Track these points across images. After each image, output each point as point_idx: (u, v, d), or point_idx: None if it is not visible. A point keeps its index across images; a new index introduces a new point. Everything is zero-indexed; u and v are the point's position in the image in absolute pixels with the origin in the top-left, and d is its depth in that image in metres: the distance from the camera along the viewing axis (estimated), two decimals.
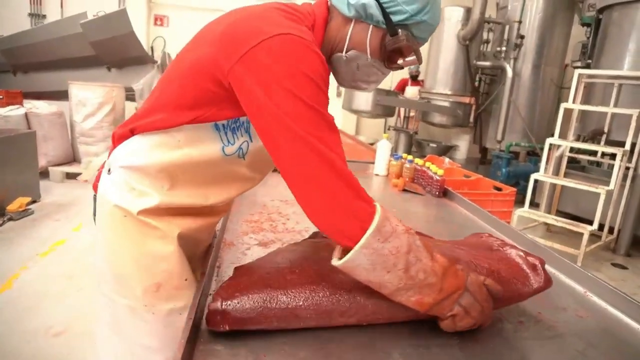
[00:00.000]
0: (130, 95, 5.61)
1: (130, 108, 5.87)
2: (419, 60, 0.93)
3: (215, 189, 0.98)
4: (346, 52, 0.91)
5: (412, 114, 6.59)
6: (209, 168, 0.93)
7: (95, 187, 1.01)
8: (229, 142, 0.91)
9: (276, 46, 0.76)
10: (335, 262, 0.78)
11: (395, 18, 0.87)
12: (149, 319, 0.95)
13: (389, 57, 0.93)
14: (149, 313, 0.95)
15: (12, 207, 3.69)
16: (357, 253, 0.74)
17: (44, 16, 7.04)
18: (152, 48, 7.29)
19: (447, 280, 0.80)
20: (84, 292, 2.65)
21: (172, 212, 0.94)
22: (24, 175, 4.06)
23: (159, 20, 7.54)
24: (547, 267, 1.24)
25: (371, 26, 0.89)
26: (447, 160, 3.75)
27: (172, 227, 0.94)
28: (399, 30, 0.87)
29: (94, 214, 1.02)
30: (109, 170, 0.95)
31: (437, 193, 2.06)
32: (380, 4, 0.86)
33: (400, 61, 0.95)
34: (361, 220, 0.75)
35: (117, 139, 0.97)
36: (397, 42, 0.88)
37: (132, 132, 0.94)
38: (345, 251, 0.77)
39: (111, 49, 5.59)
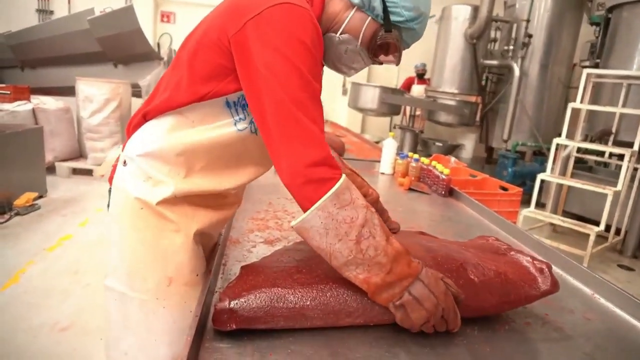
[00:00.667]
0: (136, 92, 5.63)
1: (137, 104, 5.88)
2: (398, 61, 1.01)
3: (229, 173, 0.99)
4: (340, 34, 0.96)
5: (418, 112, 6.57)
6: (224, 148, 0.95)
7: (111, 181, 1.02)
8: (240, 118, 0.94)
9: (277, 13, 0.81)
10: (292, 222, 0.80)
11: (392, 18, 0.94)
12: (160, 313, 0.96)
13: (375, 51, 0.99)
14: (160, 307, 0.95)
15: (19, 202, 3.72)
16: (312, 214, 0.76)
17: (52, 12, 7.07)
18: (158, 45, 7.31)
19: (398, 265, 0.79)
20: (90, 288, 2.67)
21: (187, 201, 0.96)
22: (31, 171, 4.09)
23: (165, 16, 7.56)
24: (554, 269, 1.23)
25: (369, 18, 0.95)
26: (453, 159, 3.73)
27: (188, 220, 0.96)
28: (393, 29, 0.95)
29: (108, 206, 1.03)
30: (124, 162, 0.96)
31: (443, 192, 2.05)
32: (384, 1, 0.93)
33: (381, 57, 1.01)
34: (322, 184, 0.77)
35: (132, 129, 0.98)
36: (388, 39, 0.96)
37: (145, 118, 0.96)
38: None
39: (118, 46, 5.61)
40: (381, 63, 1.04)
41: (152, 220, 0.94)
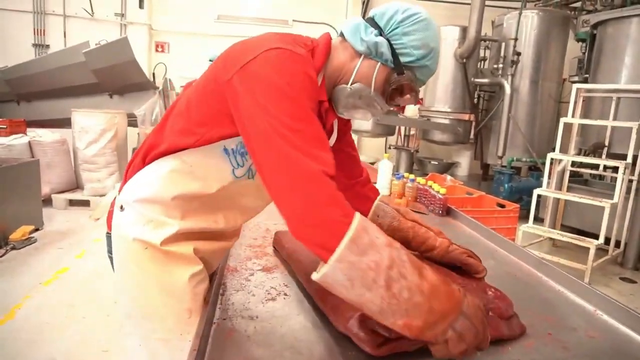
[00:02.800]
0: (132, 121, 5.66)
1: (133, 134, 5.91)
2: (416, 100, 0.99)
3: (223, 214, 1.00)
4: (351, 84, 0.95)
5: (412, 132, 6.62)
6: (219, 192, 0.95)
7: (109, 225, 1.02)
8: (238, 164, 0.94)
9: (261, 62, 0.81)
10: (314, 275, 0.74)
11: (402, 59, 0.92)
12: (186, 347, 0.94)
13: (390, 94, 0.96)
14: (185, 341, 0.94)
15: (15, 236, 3.69)
16: (331, 267, 0.70)
17: (48, 46, 7.17)
18: (153, 74, 7.39)
19: (437, 301, 0.73)
20: (86, 322, 2.63)
21: (190, 237, 0.96)
22: (27, 204, 4.07)
23: (160, 46, 7.66)
24: (553, 283, 1.23)
25: (379, 63, 0.93)
26: (449, 178, 3.74)
27: (192, 249, 0.96)
28: (405, 70, 0.93)
29: (109, 252, 1.03)
30: (122, 207, 0.96)
31: (440, 212, 2.05)
32: (390, 45, 0.91)
33: (398, 99, 0.99)
34: (335, 229, 0.71)
35: (130, 173, 0.99)
36: (401, 81, 0.94)
37: (144, 161, 0.96)
38: None
39: (113, 77, 5.67)
40: (399, 105, 1.01)
41: (158, 259, 0.93)
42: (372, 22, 0.94)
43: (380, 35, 0.92)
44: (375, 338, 0.79)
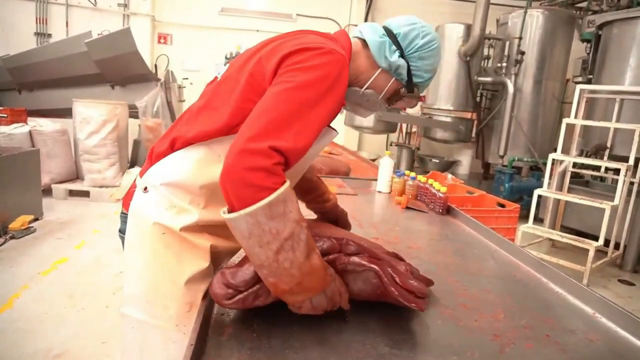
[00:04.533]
0: (133, 113, 5.65)
1: (134, 125, 5.90)
2: (414, 105, 1.17)
3: None
4: (364, 89, 1.07)
5: (414, 129, 6.61)
6: None
7: (126, 205, 1.04)
8: None
9: (318, 51, 0.88)
10: (221, 213, 0.81)
11: (414, 80, 1.08)
12: (179, 339, 0.95)
13: (392, 102, 1.13)
14: (180, 333, 0.95)
15: (15, 225, 3.69)
16: (240, 217, 0.77)
17: (50, 35, 7.14)
18: (155, 66, 7.36)
19: (310, 279, 0.84)
20: (85, 312, 2.63)
21: (207, 229, 0.98)
22: (27, 193, 4.06)
23: (162, 38, 7.63)
24: (552, 285, 1.23)
25: (394, 78, 1.07)
26: (449, 176, 3.73)
27: (207, 243, 0.98)
28: (415, 88, 1.09)
29: (121, 231, 1.04)
30: (145, 189, 0.97)
31: (440, 210, 2.04)
32: (409, 68, 1.05)
33: (397, 104, 1.16)
34: (260, 191, 0.76)
35: (156, 157, 1.00)
36: (411, 96, 1.11)
37: (172, 147, 0.98)
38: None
39: (115, 67, 5.65)
40: (395, 107, 1.18)
41: (174, 246, 0.95)
42: (393, 37, 1.05)
43: (402, 56, 1.04)
44: (227, 292, 0.89)
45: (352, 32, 1.13)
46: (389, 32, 1.05)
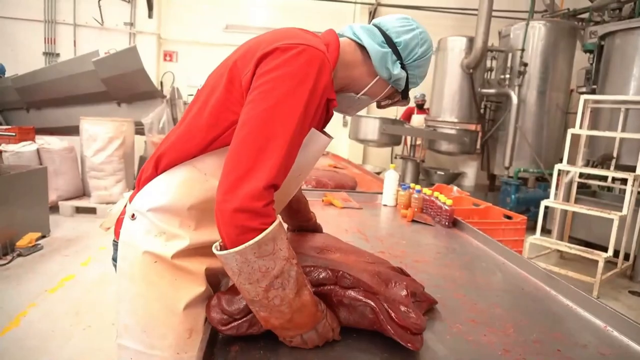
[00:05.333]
0: (139, 129, 5.70)
1: (140, 142, 5.95)
2: (403, 104, 1.17)
3: None
4: (360, 95, 1.06)
5: (418, 142, 6.61)
6: None
7: (117, 233, 1.00)
8: None
9: (289, 52, 0.84)
10: (214, 247, 0.81)
11: (410, 86, 1.08)
12: None
13: (385, 104, 1.14)
14: None
15: (22, 242, 3.71)
16: (230, 255, 0.76)
17: (58, 54, 7.27)
18: (161, 83, 7.46)
19: (300, 316, 0.83)
20: (91, 330, 2.62)
21: (200, 252, 0.95)
22: (34, 211, 4.09)
23: (167, 55, 7.75)
24: (562, 298, 1.21)
25: (390, 85, 1.06)
26: (455, 188, 3.72)
27: (201, 266, 0.95)
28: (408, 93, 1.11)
29: (114, 259, 1.01)
30: (133, 216, 0.93)
31: (446, 223, 2.03)
32: (408, 78, 1.05)
33: (388, 105, 1.16)
34: (248, 232, 0.75)
35: (143, 182, 0.97)
36: (404, 101, 1.13)
37: (157, 169, 0.96)
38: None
39: (122, 85, 5.73)
40: (383, 107, 1.17)
41: (167, 274, 0.91)
42: (392, 46, 1.01)
43: (402, 66, 1.03)
44: (222, 318, 0.89)
45: (342, 30, 1.09)
46: (387, 39, 1.01)
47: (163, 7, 7.59)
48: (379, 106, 1.14)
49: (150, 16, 7.44)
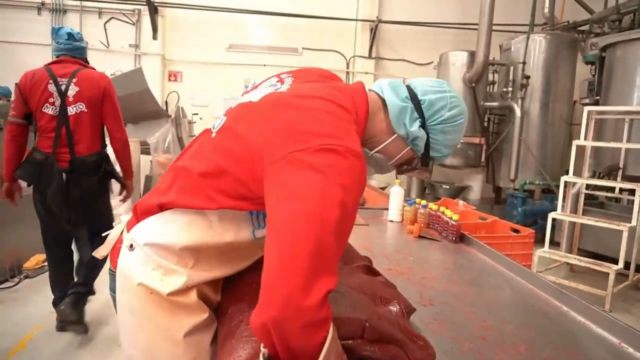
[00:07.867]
0: (145, 149, 5.75)
1: (146, 161, 5.99)
2: (426, 178, 1.08)
3: (236, 265, 0.98)
4: (374, 152, 0.98)
5: None
6: (235, 250, 0.94)
7: (113, 262, 0.97)
8: (259, 225, 0.92)
9: (327, 157, 0.75)
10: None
11: (432, 153, 0.99)
12: None
13: (405, 170, 1.04)
14: None
15: (29, 264, 3.71)
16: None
17: None
18: (166, 102, 7.54)
19: None
20: (98, 352, 2.61)
21: (197, 287, 0.93)
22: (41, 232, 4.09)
23: (172, 76, 7.84)
24: (574, 314, 1.19)
25: (408, 147, 0.98)
26: (461, 202, 3.70)
27: (196, 298, 0.92)
28: (430, 161, 1.00)
29: (112, 290, 0.98)
30: (131, 246, 0.90)
31: (453, 238, 2.02)
32: (428, 141, 0.96)
33: (408, 172, 1.05)
34: (312, 352, 0.68)
35: (142, 213, 0.92)
36: (424, 169, 1.02)
37: (161, 208, 0.90)
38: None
39: (128, 105, 5.77)
40: (403, 174, 1.07)
41: (164, 306, 0.88)
42: (416, 102, 0.95)
43: (422, 126, 0.94)
44: None
45: (372, 85, 1.02)
46: (412, 96, 0.95)
47: (167, 29, 7.71)
48: (399, 171, 1.04)
49: (154, 38, 7.55)
